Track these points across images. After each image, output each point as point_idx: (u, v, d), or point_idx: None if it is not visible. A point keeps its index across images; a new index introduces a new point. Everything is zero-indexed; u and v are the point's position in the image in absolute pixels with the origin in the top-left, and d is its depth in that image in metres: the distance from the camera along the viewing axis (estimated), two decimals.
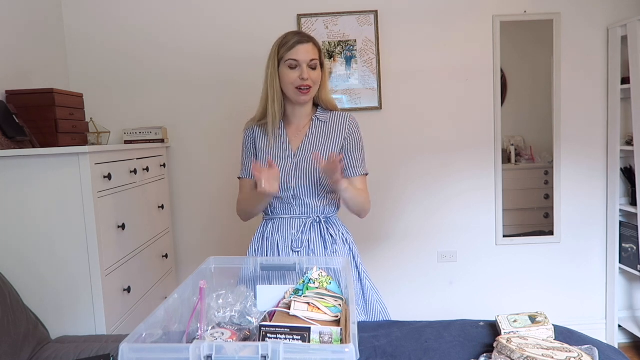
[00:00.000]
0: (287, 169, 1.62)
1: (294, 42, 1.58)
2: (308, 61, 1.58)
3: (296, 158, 1.64)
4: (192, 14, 2.65)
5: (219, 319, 1.19)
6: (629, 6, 2.69)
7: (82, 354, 1.54)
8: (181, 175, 2.75)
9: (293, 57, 1.58)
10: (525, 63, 3.00)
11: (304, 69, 1.57)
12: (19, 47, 2.21)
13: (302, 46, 1.58)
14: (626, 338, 2.86)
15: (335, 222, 1.70)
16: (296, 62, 1.58)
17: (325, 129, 1.68)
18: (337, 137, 1.67)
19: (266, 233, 1.68)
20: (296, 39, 1.59)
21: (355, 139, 1.69)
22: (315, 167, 1.61)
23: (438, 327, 1.45)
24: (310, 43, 1.61)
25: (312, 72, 1.59)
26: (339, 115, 1.70)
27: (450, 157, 2.76)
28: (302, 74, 1.57)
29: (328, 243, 1.64)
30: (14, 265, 1.75)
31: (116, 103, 2.67)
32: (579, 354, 1.13)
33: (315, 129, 1.67)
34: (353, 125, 1.69)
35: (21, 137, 1.92)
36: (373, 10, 2.65)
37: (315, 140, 1.66)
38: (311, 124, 1.68)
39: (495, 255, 2.84)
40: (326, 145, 1.65)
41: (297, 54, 1.57)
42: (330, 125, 1.68)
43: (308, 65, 1.58)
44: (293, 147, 1.66)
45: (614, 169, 2.72)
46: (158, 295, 2.36)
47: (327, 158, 1.58)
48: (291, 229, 1.64)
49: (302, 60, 1.58)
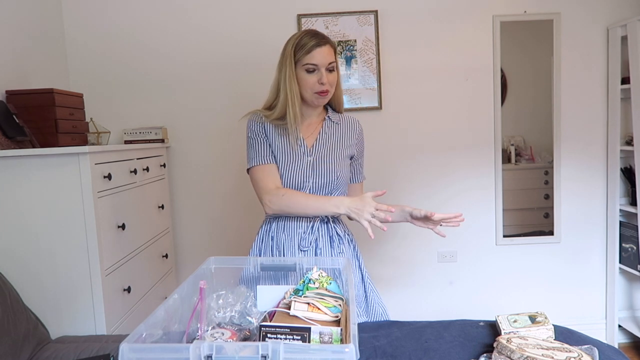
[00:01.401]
0: (304, 166, 1.62)
1: (312, 46, 1.54)
2: (326, 65, 1.55)
3: (312, 156, 1.63)
4: (193, 14, 2.65)
5: (219, 319, 1.19)
6: (629, 6, 2.69)
7: (82, 354, 1.54)
8: (181, 175, 2.75)
9: (312, 61, 1.54)
10: (525, 63, 3.00)
11: (322, 73, 1.55)
12: (19, 47, 2.21)
13: (320, 49, 1.55)
14: (626, 338, 2.86)
15: (342, 223, 1.71)
16: (315, 66, 1.55)
17: (337, 130, 1.69)
18: (348, 140, 1.69)
19: (271, 232, 1.65)
20: (314, 42, 1.55)
21: (363, 147, 1.76)
22: (331, 166, 1.62)
23: (438, 327, 1.45)
24: (327, 45, 1.57)
25: (330, 75, 1.57)
26: (348, 119, 1.73)
27: (450, 157, 2.76)
28: (322, 78, 1.55)
29: (335, 243, 1.63)
30: (14, 265, 1.75)
31: (116, 103, 2.67)
32: (579, 354, 1.13)
33: (327, 129, 1.68)
34: (361, 132, 1.74)
35: (21, 137, 1.92)
36: (373, 10, 2.65)
37: (328, 140, 1.66)
38: (324, 123, 1.68)
39: (495, 255, 2.84)
40: (339, 145, 1.67)
41: (315, 58, 1.54)
42: (341, 127, 1.70)
43: (326, 69, 1.56)
44: (308, 145, 1.65)
45: (614, 169, 2.72)
46: (158, 295, 2.36)
47: (339, 157, 1.65)
48: (298, 228, 1.62)
49: (321, 64, 1.55)
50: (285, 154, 1.62)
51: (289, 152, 1.62)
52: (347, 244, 1.67)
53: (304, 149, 1.63)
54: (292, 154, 1.62)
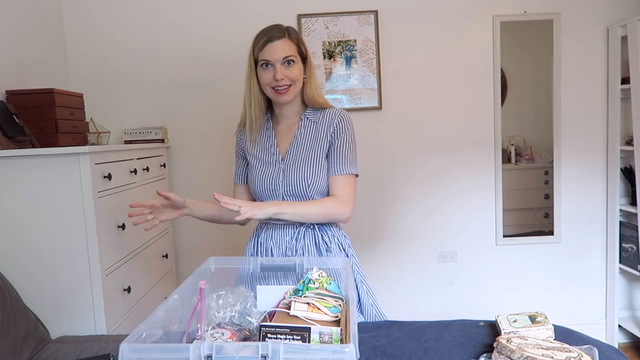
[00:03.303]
0: (275, 175, 1.55)
1: (264, 42, 1.48)
2: (281, 59, 1.48)
3: (283, 163, 1.56)
4: (193, 14, 2.65)
5: (219, 319, 1.19)
6: (629, 6, 2.69)
7: (82, 354, 1.54)
8: (181, 175, 2.75)
9: (265, 57, 1.48)
10: (525, 63, 3.00)
11: (277, 68, 1.48)
12: (19, 47, 2.21)
13: (272, 44, 1.47)
14: (626, 338, 2.86)
15: (330, 228, 1.61)
16: (268, 62, 1.48)
17: (315, 129, 1.57)
18: (325, 136, 1.56)
19: (260, 239, 1.63)
20: (265, 37, 1.49)
21: (342, 135, 1.55)
22: (303, 173, 1.53)
23: (438, 327, 1.45)
24: (283, 39, 1.49)
25: (287, 69, 1.49)
26: (329, 113, 1.58)
27: (450, 157, 2.76)
28: (275, 74, 1.48)
29: (322, 250, 1.57)
30: (14, 265, 1.75)
31: (116, 103, 2.67)
32: (579, 354, 1.13)
33: (304, 129, 1.57)
34: (342, 121, 1.56)
35: (21, 137, 1.92)
36: (373, 10, 2.65)
37: (303, 143, 1.56)
38: (300, 123, 1.58)
39: (495, 255, 2.84)
40: (315, 148, 1.55)
41: (267, 53, 1.48)
42: (320, 125, 1.57)
43: (283, 63, 1.48)
44: (281, 151, 1.58)
45: (614, 169, 2.72)
46: (158, 295, 2.36)
47: (314, 162, 1.52)
48: (284, 235, 1.57)
49: (274, 59, 1.48)
50: (258, 161, 1.59)
51: (262, 158, 1.59)
52: (338, 250, 1.60)
53: (276, 155, 1.57)
54: (264, 160, 1.58)
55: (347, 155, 1.55)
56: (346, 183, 1.54)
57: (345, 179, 1.54)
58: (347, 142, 1.55)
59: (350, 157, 1.55)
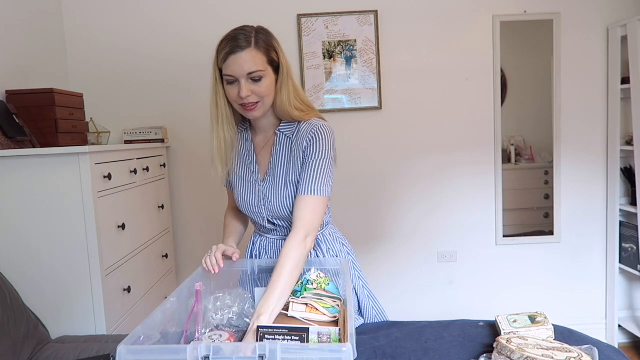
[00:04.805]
0: (256, 198, 1.46)
1: (226, 54, 1.28)
2: (245, 75, 1.28)
3: (263, 185, 1.44)
4: (193, 13, 2.65)
5: (217, 321, 1.19)
6: (629, 6, 2.68)
7: (82, 354, 1.55)
8: (181, 175, 2.75)
9: (227, 72, 1.29)
10: (525, 63, 2.99)
11: (242, 85, 1.29)
12: (19, 47, 2.22)
13: (235, 57, 1.27)
14: (626, 338, 2.85)
15: (326, 238, 1.53)
16: (232, 77, 1.30)
17: (290, 146, 1.41)
18: (298, 154, 1.39)
19: (254, 250, 1.57)
20: (227, 48, 1.28)
21: (314, 152, 1.36)
22: (282, 199, 1.41)
23: (438, 328, 1.45)
24: (248, 49, 1.28)
25: (254, 85, 1.30)
26: (304, 128, 1.39)
27: (450, 157, 2.76)
28: (240, 91, 1.29)
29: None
30: (14, 265, 1.75)
31: (116, 103, 2.67)
32: (579, 354, 1.13)
33: (280, 146, 1.42)
34: (315, 136, 1.36)
35: (21, 137, 1.92)
36: (373, 10, 2.64)
37: (281, 162, 1.42)
38: (275, 139, 1.43)
39: (495, 255, 2.83)
40: (291, 169, 1.40)
41: (230, 68, 1.29)
42: (294, 141, 1.40)
43: (248, 79, 1.30)
44: (261, 170, 1.46)
45: (614, 169, 2.72)
46: (158, 295, 2.36)
47: (292, 183, 1.38)
48: (278, 248, 1.50)
49: (239, 74, 1.28)
50: (240, 179, 1.48)
51: (243, 177, 1.48)
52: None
53: (255, 175, 1.45)
54: (245, 179, 1.47)
55: (318, 174, 1.35)
56: (313, 207, 1.34)
57: (313, 201, 1.34)
58: (319, 159, 1.36)
59: (321, 177, 1.36)
